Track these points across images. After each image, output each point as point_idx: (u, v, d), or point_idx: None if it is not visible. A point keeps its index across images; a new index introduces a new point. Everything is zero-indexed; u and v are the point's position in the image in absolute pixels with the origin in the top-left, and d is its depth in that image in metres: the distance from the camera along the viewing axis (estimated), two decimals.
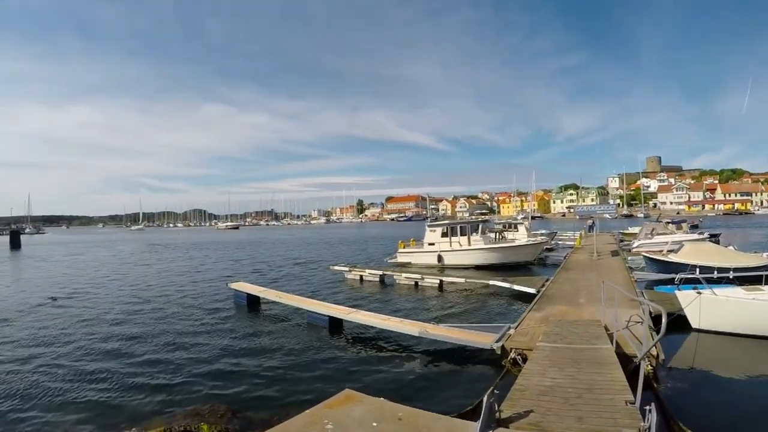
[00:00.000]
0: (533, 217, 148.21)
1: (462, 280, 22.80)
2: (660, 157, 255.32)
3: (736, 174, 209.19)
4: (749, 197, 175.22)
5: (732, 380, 10.45)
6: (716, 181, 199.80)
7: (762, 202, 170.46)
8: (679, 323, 13.34)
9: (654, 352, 9.94)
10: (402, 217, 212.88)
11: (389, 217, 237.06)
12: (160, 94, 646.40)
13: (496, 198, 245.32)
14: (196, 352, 13.20)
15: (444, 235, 31.29)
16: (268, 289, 19.99)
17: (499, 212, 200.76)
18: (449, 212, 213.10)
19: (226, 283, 22.76)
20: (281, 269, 35.49)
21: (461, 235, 30.83)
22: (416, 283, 23.70)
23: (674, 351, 11.99)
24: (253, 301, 19.21)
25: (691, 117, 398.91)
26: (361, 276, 26.24)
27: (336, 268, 28.82)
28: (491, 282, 21.54)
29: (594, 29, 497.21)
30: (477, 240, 30.73)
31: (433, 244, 31.65)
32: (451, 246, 30.69)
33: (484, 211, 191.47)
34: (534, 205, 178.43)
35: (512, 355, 10.57)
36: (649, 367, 9.72)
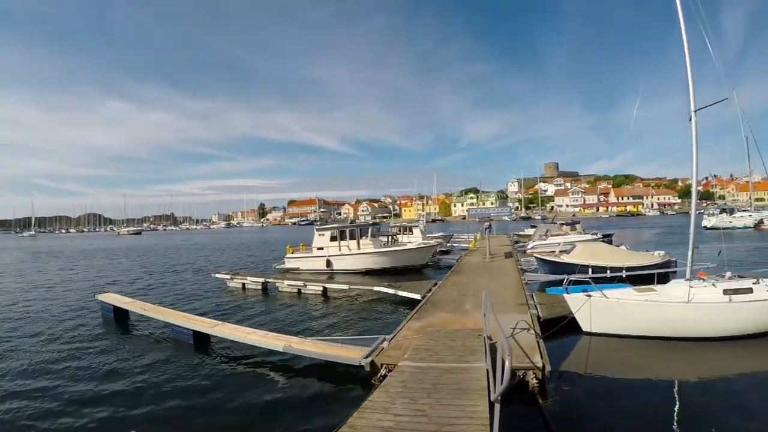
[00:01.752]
0: (434, 220, 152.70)
1: (346, 286, 22.04)
2: (558, 163, 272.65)
3: (629, 179, 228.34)
4: (640, 200, 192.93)
5: (626, 385, 10.16)
6: (610, 186, 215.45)
7: (652, 205, 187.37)
8: (570, 327, 13.06)
9: (539, 363, 9.02)
10: (303, 221, 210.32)
11: (291, 221, 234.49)
12: (61, 86, 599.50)
13: (398, 201, 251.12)
14: (32, 375, 11.99)
15: (333, 239, 30.59)
16: (135, 301, 18.58)
17: (400, 215, 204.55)
18: (351, 216, 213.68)
19: (94, 295, 21.10)
20: (164, 277, 33.02)
21: (350, 238, 30.23)
22: (299, 290, 22.78)
23: (564, 358, 11.49)
24: (121, 314, 17.95)
25: (590, 126, 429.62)
26: (244, 284, 25.01)
27: (218, 275, 27.20)
28: (376, 288, 20.84)
29: (502, 41, 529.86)
30: (367, 244, 30.15)
31: (321, 248, 30.83)
32: (340, 250, 30.03)
33: (385, 214, 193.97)
34: (435, 209, 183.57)
35: (382, 371, 9.40)
36: (534, 380, 8.98)
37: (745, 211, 70.96)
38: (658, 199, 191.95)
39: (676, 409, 8.84)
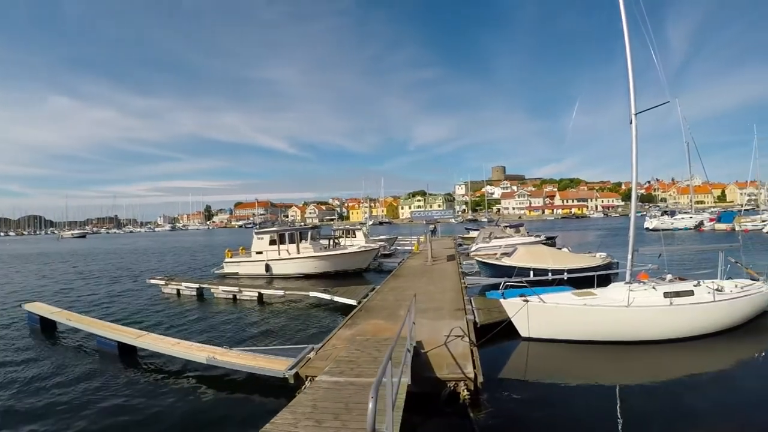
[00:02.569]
0: (381, 223, 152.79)
1: (281, 292, 21.36)
2: (505, 167, 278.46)
3: (574, 183, 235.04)
4: (585, 203, 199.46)
5: (566, 391, 9.87)
6: (556, 189, 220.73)
7: (597, 207, 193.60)
8: (508, 332, 12.75)
9: (471, 373, 8.56)
10: (250, 223, 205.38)
11: (238, 223, 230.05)
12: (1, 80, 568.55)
13: (346, 204, 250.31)
14: None
15: (272, 242, 29.80)
16: (62, 311, 17.69)
17: (348, 218, 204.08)
18: (299, 218, 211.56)
19: (20, 304, 19.89)
20: (100, 283, 31.05)
21: (290, 242, 29.47)
22: (234, 296, 22.06)
23: (502, 365, 11.23)
24: (48, 325, 17.18)
25: (537, 131, 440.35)
26: (179, 290, 24.14)
27: (153, 281, 26.22)
28: (312, 293, 20.35)
29: (453, 46, 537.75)
30: (307, 247, 29.39)
31: (261, 252, 30.12)
32: (279, 254, 29.29)
33: (333, 217, 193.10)
34: (383, 211, 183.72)
35: (307, 384, 8.86)
36: (465, 392, 8.57)
37: (686, 213, 74.25)
38: (603, 201, 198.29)
39: (617, 414, 8.67)
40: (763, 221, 58.40)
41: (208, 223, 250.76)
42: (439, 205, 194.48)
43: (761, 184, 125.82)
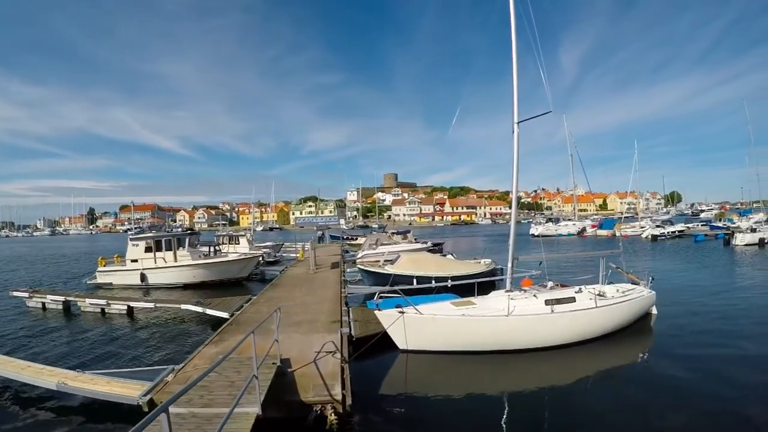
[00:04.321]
0: (272, 228, 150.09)
1: (152, 304, 20.14)
2: (397, 174, 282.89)
3: (464, 191, 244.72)
4: (474, 210, 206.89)
5: (446, 405, 9.61)
6: (446, 197, 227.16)
7: (485, 214, 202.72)
8: (386, 344, 12.35)
9: (339, 395, 7.94)
10: (137, 228, 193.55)
11: (123, 228, 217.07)
12: None
13: (237, 209, 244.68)
14: None
15: (148, 250, 28.01)
16: None
17: (238, 223, 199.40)
18: (187, 223, 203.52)
19: None
20: None
21: (167, 249, 27.93)
22: (103, 309, 20.63)
23: (378, 380, 10.78)
24: None
25: (430, 140, 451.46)
26: (44, 303, 22.15)
27: (16, 293, 23.62)
28: (183, 306, 19.22)
29: (353, 52, 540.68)
30: (184, 255, 27.96)
31: (136, 260, 28.13)
32: (155, 262, 27.66)
33: (223, 222, 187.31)
34: (274, 217, 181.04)
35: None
36: (333, 416, 7.92)
37: (569, 220, 79.42)
38: (491, 209, 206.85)
39: (502, 424, 8.60)
40: (642, 227, 63.74)
41: (91, 227, 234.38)
42: (331, 211, 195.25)
43: (640, 194, 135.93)
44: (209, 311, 17.77)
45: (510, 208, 15.87)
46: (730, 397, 9.53)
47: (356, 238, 58.89)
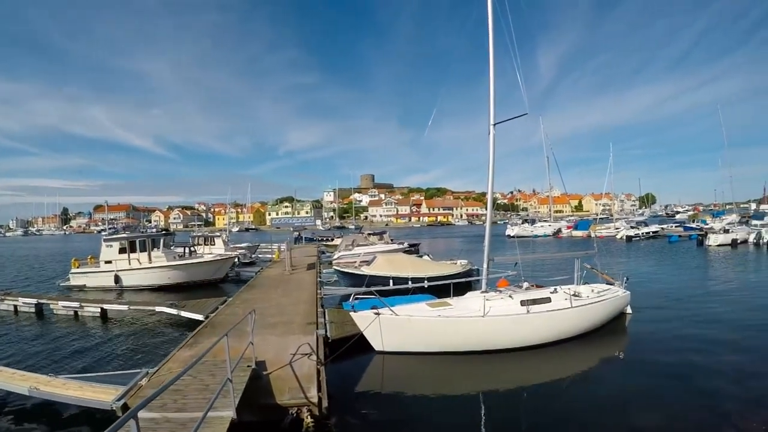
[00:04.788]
0: (248, 229, 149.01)
1: (126, 307, 19.95)
2: (374, 175, 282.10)
3: (441, 192, 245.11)
4: (451, 211, 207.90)
5: (422, 405, 9.68)
6: (422, 198, 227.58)
7: (462, 216, 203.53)
8: (362, 345, 12.38)
9: (315, 397, 7.90)
10: (111, 228, 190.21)
11: (97, 228, 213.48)
12: None
13: (212, 209, 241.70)
14: None
15: (122, 251, 27.36)
16: None
17: (214, 224, 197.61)
18: (162, 223, 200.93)
19: None
20: None
21: (141, 250, 27.37)
22: (76, 312, 20.22)
23: (355, 381, 10.79)
24: None
25: (407, 141, 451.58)
26: (16, 306, 21.64)
27: None
28: (158, 308, 19.01)
29: (331, 52, 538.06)
30: (159, 256, 27.48)
31: (110, 262, 27.49)
32: (129, 264, 27.08)
33: (198, 222, 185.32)
34: (250, 217, 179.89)
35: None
36: (309, 419, 7.92)
37: (545, 221, 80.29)
38: (467, 210, 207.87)
39: (481, 424, 8.68)
40: (617, 228, 64.79)
41: (64, 227, 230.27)
42: (307, 212, 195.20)
43: (615, 196, 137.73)
44: (184, 313, 17.57)
45: (486, 209, 15.94)
46: (703, 396, 9.76)
47: (332, 239, 58.80)
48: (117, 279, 26.70)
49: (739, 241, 46.18)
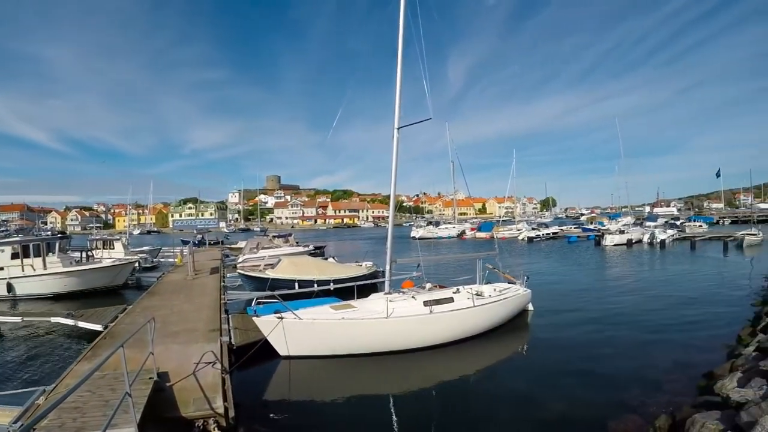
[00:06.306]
0: (150, 232, 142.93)
1: (18, 318, 18.49)
2: (280, 176, 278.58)
3: (347, 194, 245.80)
4: (357, 213, 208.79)
5: (331, 408, 9.76)
6: (329, 200, 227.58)
7: (368, 218, 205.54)
8: (267, 351, 12.29)
9: (221, 407, 7.80)
10: (2, 231, 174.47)
11: None
12: None
13: (112, 210, 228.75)
14: None
15: (14, 256, 25.29)
16: None
17: (114, 226, 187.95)
18: (59, 225, 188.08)
19: None
20: None
21: (35, 255, 25.44)
22: None
23: (261, 389, 10.68)
24: None
25: (314, 143, 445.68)
26: None
27: None
28: (53, 319, 17.70)
29: (242, 48, 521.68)
30: (54, 262, 25.78)
31: (2, 268, 25.22)
32: (23, 270, 25.10)
33: (98, 224, 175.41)
34: (152, 219, 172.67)
35: None
36: (216, 431, 7.74)
37: (449, 223, 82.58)
38: (374, 212, 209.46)
39: (387, 424, 8.81)
40: (519, 230, 68.45)
41: None
42: (212, 214, 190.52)
43: (517, 199, 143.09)
44: (81, 324, 16.43)
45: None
46: (603, 383, 10.53)
47: (235, 242, 57.72)
48: (10, 287, 24.69)
49: (633, 241, 50.26)
